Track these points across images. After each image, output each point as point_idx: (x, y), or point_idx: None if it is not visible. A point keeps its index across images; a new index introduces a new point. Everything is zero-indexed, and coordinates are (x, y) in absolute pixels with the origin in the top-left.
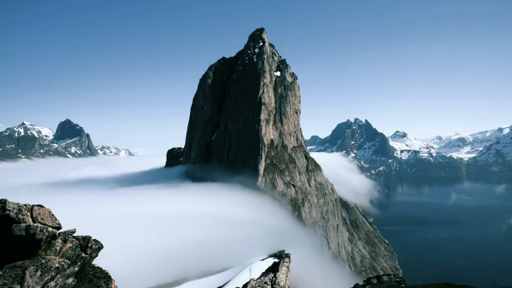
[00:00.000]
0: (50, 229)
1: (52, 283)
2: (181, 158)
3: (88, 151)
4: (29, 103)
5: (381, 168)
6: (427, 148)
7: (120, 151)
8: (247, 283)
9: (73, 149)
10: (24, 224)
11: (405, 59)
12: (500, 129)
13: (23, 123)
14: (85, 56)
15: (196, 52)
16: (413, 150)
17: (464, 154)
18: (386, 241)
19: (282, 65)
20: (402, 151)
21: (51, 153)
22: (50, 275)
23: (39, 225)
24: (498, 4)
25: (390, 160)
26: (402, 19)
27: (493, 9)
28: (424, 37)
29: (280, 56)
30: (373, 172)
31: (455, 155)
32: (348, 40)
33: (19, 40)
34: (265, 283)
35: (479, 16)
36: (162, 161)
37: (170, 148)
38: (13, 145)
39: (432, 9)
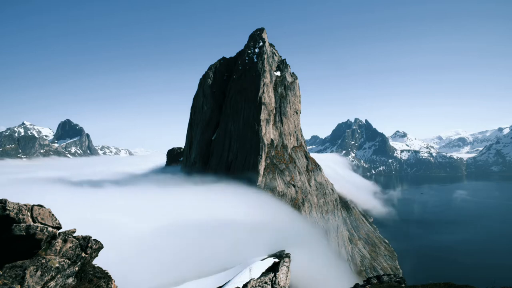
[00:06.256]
0: (50, 229)
1: (52, 283)
2: (181, 158)
3: (88, 151)
4: (29, 101)
5: (381, 168)
6: (427, 148)
7: (120, 151)
8: (247, 283)
9: (73, 149)
10: (24, 224)
11: (405, 58)
12: (500, 129)
13: (23, 123)
14: (85, 55)
15: (196, 52)
16: (413, 150)
17: (464, 154)
18: (386, 241)
19: (282, 65)
20: (402, 151)
21: (51, 153)
22: (50, 275)
23: (39, 225)
24: (500, 2)
25: (390, 160)
26: (402, 16)
27: (495, 7)
28: (424, 36)
29: (280, 56)
30: (373, 172)
31: (455, 155)
32: (348, 37)
33: (19, 39)
34: (265, 283)
35: (480, 15)
36: (162, 161)
37: (170, 148)
38: (13, 145)
39: (433, 6)
